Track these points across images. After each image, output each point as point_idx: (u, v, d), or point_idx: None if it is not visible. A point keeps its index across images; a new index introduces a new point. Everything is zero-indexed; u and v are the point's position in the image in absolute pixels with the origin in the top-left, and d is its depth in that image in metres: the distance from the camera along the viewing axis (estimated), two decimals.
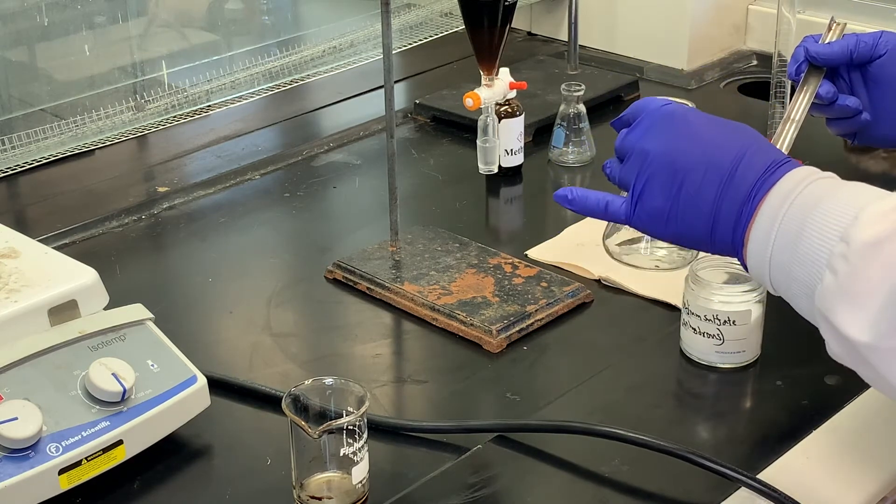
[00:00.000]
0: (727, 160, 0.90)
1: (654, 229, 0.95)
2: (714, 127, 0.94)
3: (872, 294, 0.80)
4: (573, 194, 1.00)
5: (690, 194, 0.91)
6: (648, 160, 0.93)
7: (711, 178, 0.90)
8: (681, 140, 0.92)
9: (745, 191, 0.90)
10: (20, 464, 0.94)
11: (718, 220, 0.91)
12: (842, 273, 0.81)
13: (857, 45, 1.16)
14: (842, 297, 0.81)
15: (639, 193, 0.94)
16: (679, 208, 0.92)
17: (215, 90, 1.72)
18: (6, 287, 1.03)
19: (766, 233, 0.88)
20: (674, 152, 0.92)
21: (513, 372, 1.17)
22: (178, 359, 1.06)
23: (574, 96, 1.58)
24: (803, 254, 0.85)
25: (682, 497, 0.99)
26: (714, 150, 0.91)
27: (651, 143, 0.93)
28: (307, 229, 1.49)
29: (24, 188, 1.55)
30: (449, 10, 2.02)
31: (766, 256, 0.88)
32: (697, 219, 0.91)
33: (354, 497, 0.97)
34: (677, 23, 1.90)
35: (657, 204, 0.93)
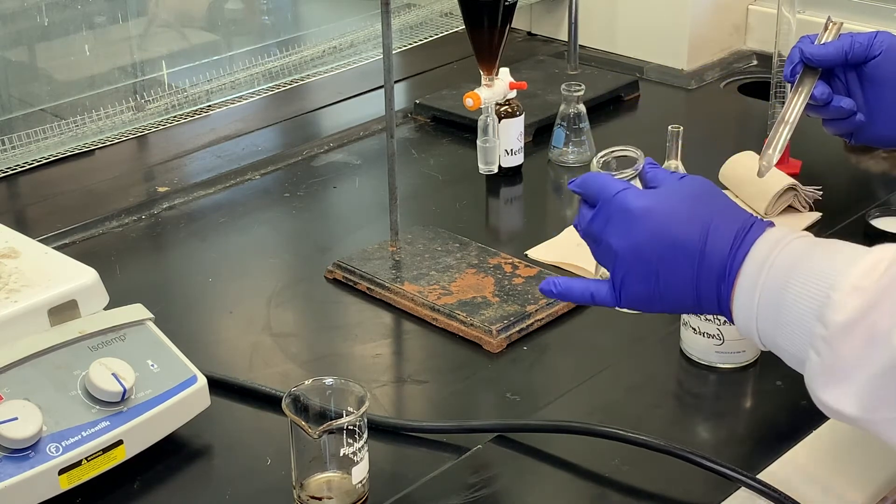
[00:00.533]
0: (694, 238, 0.90)
1: (644, 310, 0.96)
2: (672, 205, 0.92)
3: (855, 372, 0.81)
4: (558, 287, 0.99)
5: (668, 279, 0.91)
6: (619, 257, 0.93)
7: (683, 260, 0.91)
8: (643, 233, 0.92)
9: (718, 266, 0.90)
10: (20, 464, 0.94)
11: (701, 295, 0.91)
12: (824, 354, 0.82)
13: (852, 46, 1.16)
14: (826, 377, 0.83)
15: (619, 284, 0.94)
16: (661, 291, 0.92)
17: (215, 90, 1.72)
18: (6, 287, 1.03)
19: (748, 306, 0.89)
20: (640, 247, 0.92)
21: (513, 372, 1.17)
22: (178, 359, 1.06)
23: (574, 96, 1.58)
24: (785, 330, 0.86)
25: (682, 497, 0.99)
26: (678, 233, 0.91)
27: (615, 239, 0.93)
28: (307, 229, 1.49)
29: (24, 188, 1.55)
30: (449, 10, 2.02)
31: (752, 327, 0.89)
32: (681, 297, 0.92)
33: (354, 497, 0.97)
34: (677, 23, 1.90)
35: (640, 290, 0.93)
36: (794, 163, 1.54)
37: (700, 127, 1.73)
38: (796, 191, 1.43)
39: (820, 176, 1.49)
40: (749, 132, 1.72)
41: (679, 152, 1.43)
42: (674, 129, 1.42)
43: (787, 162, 1.53)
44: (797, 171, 1.52)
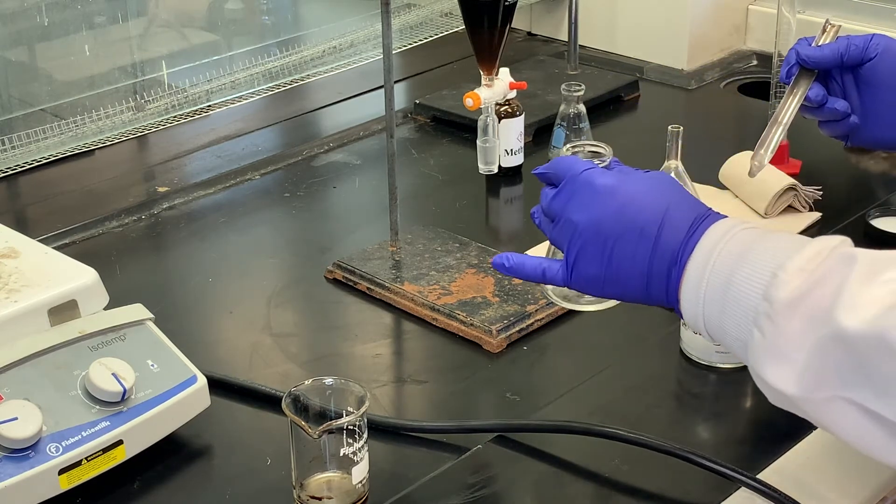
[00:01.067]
0: (651, 222, 0.92)
1: (593, 291, 0.96)
2: (635, 188, 0.94)
3: (797, 349, 0.82)
4: (510, 261, 1.00)
5: (621, 260, 0.93)
6: (577, 231, 0.94)
7: (639, 242, 0.92)
8: (605, 209, 0.93)
9: (671, 251, 0.91)
10: (20, 464, 0.94)
11: (651, 281, 0.92)
12: (767, 332, 0.84)
13: (848, 48, 1.17)
14: (769, 354, 0.84)
15: (573, 261, 0.95)
16: (613, 273, 0.93)
17: (215, 90, 1.72)
18: (6, 287, 1.03)
19: (695, 291, 0.90)
20: (600, 222, 0.93)
21: (513, 372, 1.17)
22: (178, 359, 1.06)
23: (574, 96, 1.58)
24: (731, 311, 0.87)
25: (682, 497, 0.99)
26: (638, 215, 0.92)
27: (576, 214, 0.94)
28: (307, 229, 1.49)
29: (24, 188, 1.55)
30: (449, 10, 2.02)
31: (698, 313, 0.90)
32: (631, 281, 0.93)
33: (354, 497, 0.97)
34: (677, 23, 1.90)
35: (592, 270, 0.94)
36: (794, 163, 1.54)
37: (700, 127, 1.73)
38: (796, 191, 1.43)
39: (820, 176, 1.49)
40: (749, 132, 1.71)
41: (679, 152, 1.43)
42: (674, 129, 1.42)
43: (787, 162, 1.53)
44: (797, 171, 1.52)
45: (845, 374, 0.80)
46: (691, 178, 1.45)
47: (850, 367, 0.80)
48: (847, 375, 0.80)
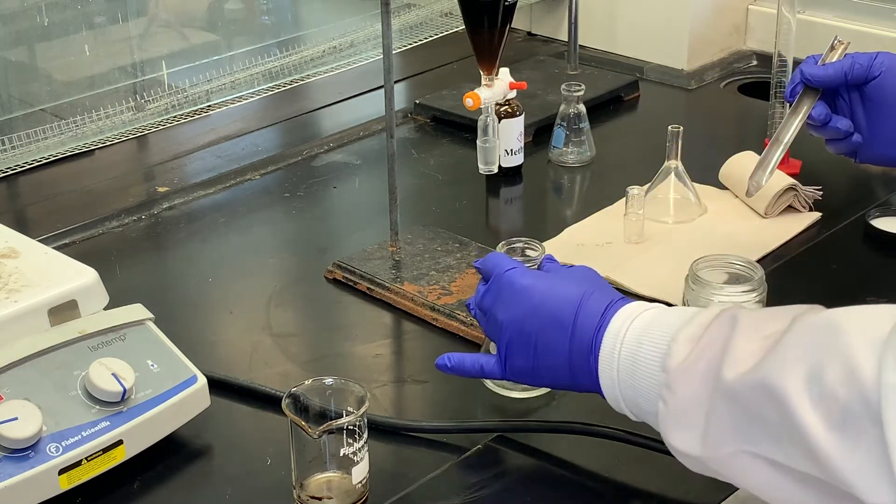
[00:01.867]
0: (567, 314, 0.96)
1: (527, 382, 1.01)
2: (552, 284, 0.98)
3: (696, 412, 0.86)
4: (451, 361, 1.04)
5: (545, 353, 0.97)
6: (503, 329, 0.99)
7: (558, 334, 0.96)
8: (525, 306, 0.97)
9: (587, 340, 0.95)
10: (20, 464, 0.94)
11: (574, 371, 0.96)
12: (668, 400, 0.88)
13: (853, 67, 1.18)
14: (673, 421, 0.88)
15: (504, 356, 0.99)
16: (540, 365, 0.97)
17: (215, 90, 1.72)
18: (6, 287, 1.03)
19: (609, 375, 0.93)
20: (522, 320, 0.97)
21: None
22: (178, 359, 1.06)
23: (574, 96, 1.58)
24: (640, 387, 0.91)
25: (682, 497, 0.99)
26: (554, 309, 0.96)
27: (501, 312, 0.99)
28: (307, 229, 1.49)
29: (24, 188, 1.55)
30: (449, 10, 2.02)
31: (617, 395, 0.94)
32: (558, 372, 0.97)
33: (354, 497, 0.97)
34: (677, 23, 1.90)
35: (521, 364, 0.98)
36: (794, 163, 1.54)
37: (700, 127, 1.73)
38: (796, 191, 1.43)
39: (820, 176, 1.49)
40: (749, 132, 1.72)
41: (679, 152, 1.43)
42: (674, 129, 1.42)
43: (787, 162, 1.53)
44: (797, 171, 1.52)
45: (742, 427, 0.82)
46: (691, 178, 1.46)
47: (744, 420, 0.82)
48: (744, 428, 0.82)
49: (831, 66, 1.19)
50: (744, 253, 1.22)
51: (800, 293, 1.29)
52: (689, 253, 1.23)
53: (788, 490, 0.82)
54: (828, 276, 1.33)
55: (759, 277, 1.14)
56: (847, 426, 0.75)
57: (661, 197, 1.44)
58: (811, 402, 0.77)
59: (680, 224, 1.43)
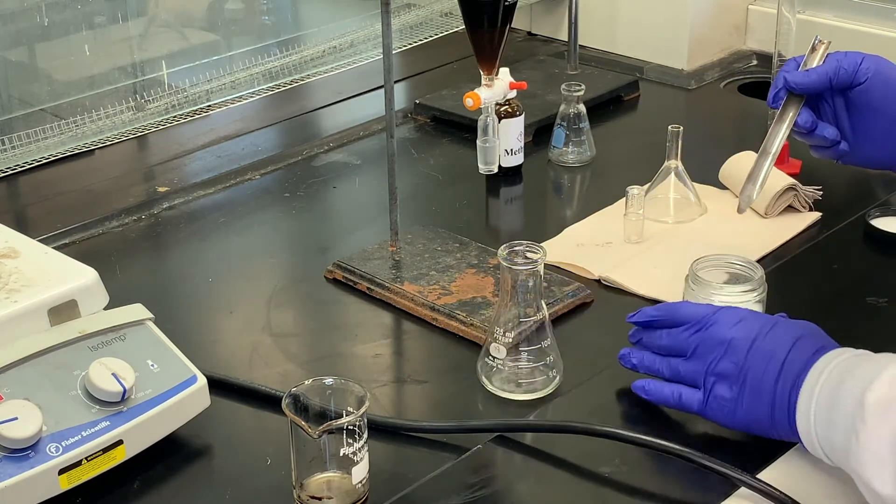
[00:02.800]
0: (782, 350, 0.99)
1: (722, 416, 1.03)
2: (773, 323, 1.02)
3: (887, 449, 0.87)
4: (650, 386, 1.08)
5: (754, 386, 1.00)
6: (712, 360, 1.02)
7: (770, 369, 0.99)
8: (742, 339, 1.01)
9: (793, 375, 0.98)
10: (20, 464, 0.94)
11: (775, 406, 0.99)
12: (861, 435, 0.88)
13: (837, 73, 1.16)
14: (866, 456, 0.88)
15: (711, 386, 1.03)
16: (744, 398, 1.00)
17: (215, 90, 1.72)
18: (6, 287, 1.03)
19: (807, 411, 0.96)
20: (739, 348, 1.01)
21: None
22: (178, 359, 1.06)
23: (574, 96, 1.58)
24: (835, 422, 0.92)
25: (682, 497, 0.99)
26: (772, 345, 1.00)
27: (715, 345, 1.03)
28: (307, 229, 1.49)
29: (24, 188, 1.55)
30: (449, 10, 2.02)
31: (812, 431, 0.95)
32: (759, 406, 1.00)
33: (354, 497, 0.97)
34: (677, 23, 1.90)
35: (725, 394, 1.02)
36: (794, 163, 1.54)
37: (700, 127, 1.73)
38: (796, 191, 1.43)
39: (820, 176, 1.49)
40: (749, 132, 1.72)
41: (679, 152, 1.43)
42: (674, 129, 1.42)
43: (787, 162, 1.53)
44: (797, 171, 1.52)
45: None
46: (691, 178, 1.46)
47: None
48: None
49: (815, 72, 1.17)
50: (744, 253, 1.22)
51: (800, 293, 1.29)
52: (689, 253, 1.23)
53: None
54: (828, 276, 1.33)
55: (759, 277, 1.15)
56: None
57: (661, 197, 1.44)
58: None
59: (680, 224, 1.43)
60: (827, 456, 0.95)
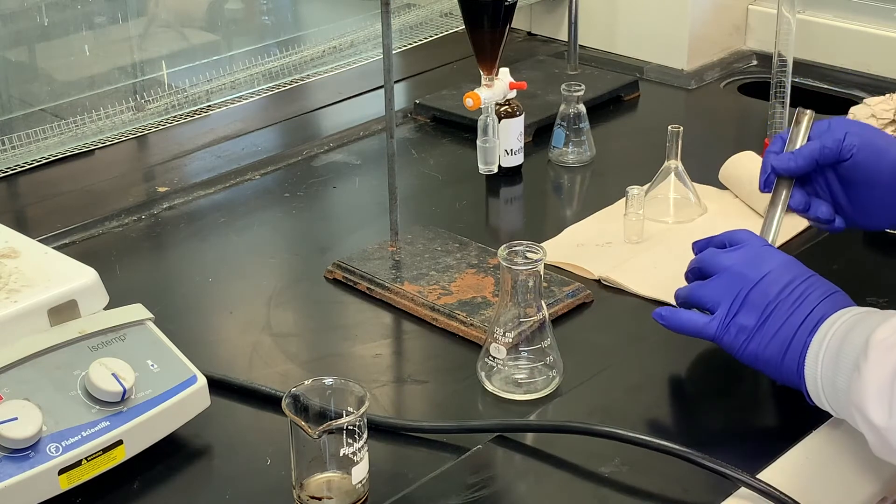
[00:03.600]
0: (815, 298, 1.04)
1: (736, 344, 1.06)
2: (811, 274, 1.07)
3: (887, 382, 0.90)
4: (666, 311, 1.11)
5: (776, 323, 1.04)
6: (743, 284, 1.06)
7: (798, 311, 1.03)
8: (782, 274, 1.06)
9: (814, 323, 1.02)
10: (20, 464, 0.94)
11: (790, 347, 1.03)
12: (862, 369, 0.92)
13: (822, 152, 1.17)
14: (866, 389, 0.91)
15: (735, 311, 1.06)
16: (764, 330, 1.04)
17: (215, 90, 1.72)
18: (6, 287, 1.03)
19: (815, 355, 1.00)
20: (772, 282, 1.05)
21: None
22: (178, 359, 1.06)
23: (574, 96, 1.58)
24: (841, 366, 0.96)
25: (682, 497, 0.99)
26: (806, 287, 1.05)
27: (752, 271, 1.06)
28: (307, 229, 1.49)
29: (24, 188, 1.55)
30: (449, 10, 2.02)
31: (817, 376, 0.99)
32: (776, 343, 1.04)
33: (354, 497, 0.97)
34: (677, 23, 1.90)
35: (746, 322, 1.05)
36: None
37: (700, 127, 1.73)
38: None
39: None
40: (749, 132, 1.72)
41: (679, 152, 1.43)
42: (674, 129, 1.42)
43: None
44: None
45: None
46: (691, 178, 1.46)
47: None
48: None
49: (800, 155, 1.17)
50: None
51: None
52: (689, 253, 1.23)
53: None
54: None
55: None
56: None
57: (661, 197, 1.44)
58: None
59: (680, 224, 1.43)
60: (829, 401, 0.98)
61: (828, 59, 1.89)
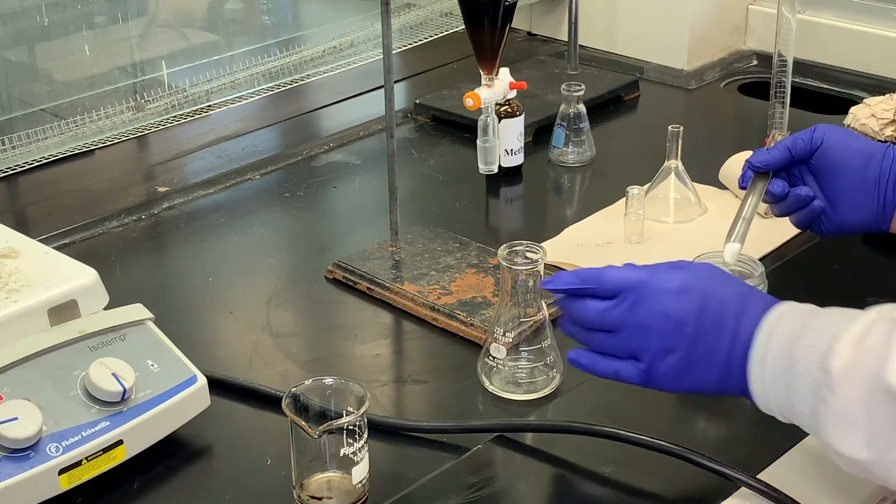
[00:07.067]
0: (731, 314, 0.96)
1: (669, 387, 0.99)
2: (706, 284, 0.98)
3: (860, 415, 0.86)
4: (584, 359, 1.01)
5: (704, 355, 0.96)
6: (654, 334, 0.96)
7: (721, 339, 0.95)
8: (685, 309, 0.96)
9: (746, 338, 0.95)
10: (20, 464, 0.94)
11: (730, 370, 0.96)
12: (830, 402, 0.88)
13: (795, 143, 1.20)
14: (836, 424, 0.88)
15: (652, 361, 0.97)
16: (694, 368, 0.97)
17: (215, 90, 1.72)
18: (6, 287, 1.03)
19: (760, 373, 0.94)
20: (681, 321, 0.96)
21: None
22: (178, 359, 1.06)
23: (574, 96, 1.58)
24: (796, 387, 0.91)
25: (682, 497, 0.99)
26: (719, 309, 0.96)
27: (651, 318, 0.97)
28: (307, 229, 1.49)
29: (24, 188, 1.55)
30: (449, 10, 2.02)
31: (767, 394, 0.94)
32: (710, 373, 0.96)
33: (354, 497, 0.97)
34: (677, 23, 1.90)
35: (669, 366, 0.97)
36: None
37: (700, 127, 1.73)
38: None
39: None
40: (749, 132, 1.72)
41: (679, 152, 1.43)
42: (674, 129, 1.42)
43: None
44: None
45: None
46: (691, 178, 1.46)
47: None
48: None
49: (774, 148, 1.21)
50: (744, 252, 1.22)
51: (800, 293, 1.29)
52: (689, 253, 1.23)
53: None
54: (828, 276, 1.33)
55: (759, 274, 1.15)
56: None
57: (661, 197, 1.44)
58: None
59: (680, 224, 1.43)
60: (784, 416, 0.94)
61: (828, 59, 1.89)
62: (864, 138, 1.23)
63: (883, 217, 1.19)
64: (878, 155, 1.19)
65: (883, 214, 1.19)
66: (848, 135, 1.22)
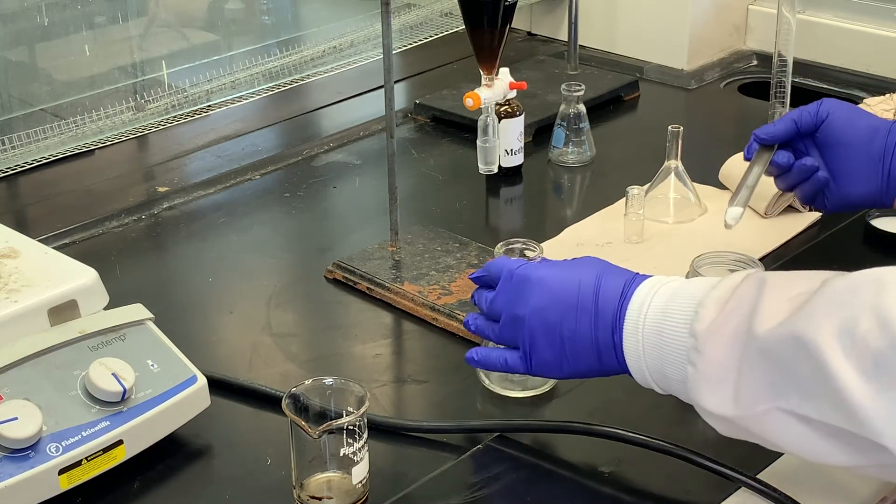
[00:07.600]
0: (588, 296, 0.97)
1: (552, 374, 1.01)
2: (568, 271, 1.00)
3: (727, 372, 0.87)
4: (478, 355, 1.05)
5: (571, 340, 0.98)
6: (524, 325, 0.99)
7: (580, 319, 0.97)
8: (545, 297, 0.98)
9: (610, 319, 0.96)
10: (20, 464, 0.94)
11: (601, 351, 0.97)
12: (698, 364, 0.89)
13: (801, 116, 1.21)
14: (703, 383, 0.89)
15: (528, 351, 1.00)
16: (566, 353, 0.98)
17: (215, 90, 1.72)
18: (6, 287, 1.03)
19: (634, 349, 0.95)
20: (544, 309, 0.98)
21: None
22: (178, 359, 1.06)
23: (574, 96, 1.58)
24: (667, 357, 0.92)
25: (682, 497, 0.99)
26: (574, 295, 0.98)
27: (520, 309, 1.00)
28: (307, 229, 1.49)
29: (24, 188, 1.55)
30: (449, 10, 2.02)
31: (643, 368, 0.95)
32: (585, 357, 0.98)
33: (354, 497, 0.97)
34: (677, 23, 1.90)
35: (547, 356, 0.99)
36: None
37: (700, 127, 1.73)
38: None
39: None
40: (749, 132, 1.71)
41: (679, 152, 1.43)
42: (674, 129, 1.42)
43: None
44: None
45: (774, 383, 0.84)
46: (691, 178, 1.46)
47: (776, 375, 0.84)
48: (776, 384, 0.84)
49: (780, 121, 1.22)
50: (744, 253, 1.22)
51: None
52: (689, 253, 1.23)
53: (820, 446, 0.83)
54: None
55: None
56: (879, 374, 0.77)
57: (661, 197, 1.44)
58: (843, 352, 0.79)
59: (680, 224, 1.43)
60: (661, 388, 0.95)
61: (828, 59, 1.89)
62: (870, 114, 1.23)
63: (887, 191, 1.19)
64: (884, 129, 1.19)
65: (887, 189, 1.19)
66: (854, 109, 1.22)
